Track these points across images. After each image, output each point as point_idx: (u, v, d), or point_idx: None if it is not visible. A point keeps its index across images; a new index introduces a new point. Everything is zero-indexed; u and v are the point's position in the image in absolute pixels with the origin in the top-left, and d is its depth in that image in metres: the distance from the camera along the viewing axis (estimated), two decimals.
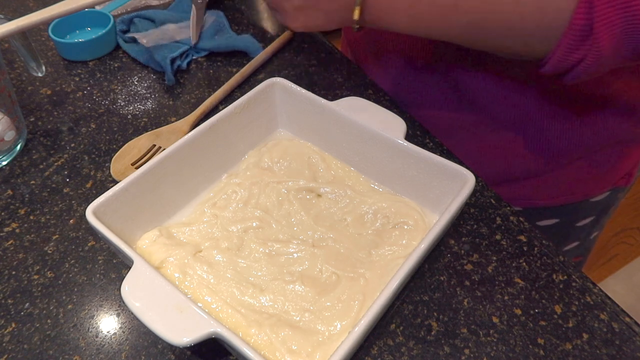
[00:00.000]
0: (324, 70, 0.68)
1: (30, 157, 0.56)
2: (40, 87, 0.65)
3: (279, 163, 0.52)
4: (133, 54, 0.69)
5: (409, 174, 0.47)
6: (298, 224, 0.47)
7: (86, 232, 0.49)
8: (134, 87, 0.65)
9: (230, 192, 0.49)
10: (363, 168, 0.51)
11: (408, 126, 0.48)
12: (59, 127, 0.60)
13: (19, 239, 0.49)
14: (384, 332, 0.42)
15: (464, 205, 0.42)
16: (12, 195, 0.52)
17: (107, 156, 0.56)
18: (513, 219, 0.50)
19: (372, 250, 0.45)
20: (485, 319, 0.43)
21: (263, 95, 0.52)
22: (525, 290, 0.45)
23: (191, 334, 0.33)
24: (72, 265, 0.47)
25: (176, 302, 0.35)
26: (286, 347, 0.38)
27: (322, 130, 0.52)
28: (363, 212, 0.48)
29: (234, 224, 0.47)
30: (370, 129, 0.48)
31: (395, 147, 0.47)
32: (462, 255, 0.47)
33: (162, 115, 0.61)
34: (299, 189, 0.50)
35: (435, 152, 0.46)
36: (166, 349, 0.41)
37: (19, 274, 0.46)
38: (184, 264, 0.43)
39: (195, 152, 0.47)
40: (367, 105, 0.50)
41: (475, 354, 0.41)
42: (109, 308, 0.44)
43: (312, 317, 0.40)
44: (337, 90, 0.65)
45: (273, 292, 0.42)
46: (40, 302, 0.44)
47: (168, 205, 0.47)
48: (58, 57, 0.70)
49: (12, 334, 0.42)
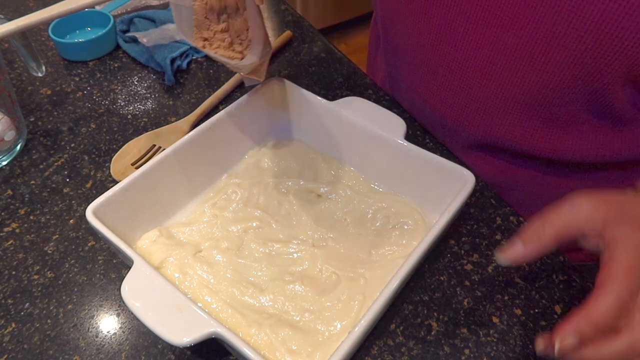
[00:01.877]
0: (324, 70, 0.68)
1: (30, 157, 0.56)
2: (40, 87, 0.65)
3: (279, 163, 0.52)
4: (133, 54, 0.69)
5: (409, 174, 0.47)
6: (298, 224, 0.47)
7: (86, 232, 0.49)
8: (134, 87, 0.65)
9: (230, 192, 0.49)
10: (363, 168, 0.51)
11: (408, 126, 0.48)
12: (59, 127, 0.60)
13: (19, 239, 0.49)
14: (384, 332, 0.42)
15: (464, 205, 0.42)
16: (12, 195, 0.52)
17: (107, 156, 0.56)
18: (513, 219, 0.50)
19: (372, 250, 0.45)
20: (485, 319, 0.43)
21: (263, 95, 0.52)
22: (525, 290, 0.44)
23: (191, 334, 0.33)
24: (72, 265, 0.47)
25: (176, 302, 0.35)
26: (286, 347, 0.38)
27: (322, 130, 0.52)
28: (363, 212, 0.48)
29: (234, 224, 0.47)
30: (370, 129, 0.48)
31: (395, 147, 0.47)
32: (462, 255, 0.47)
33: (162, 115, 0.61)
34: (299, 189, 0.50)
35: (435, 152, 0.46)
36: (166, 349, 0.41)
37: (19, 274, 0.46)
38: (184, 264, 0.43)
39: (195, 152, 0.47)
40: (367, 105, 0.50)
41: (475, 354, 0.41)
42: (109, 308, 0.44)
43: (312, 317, 0.40)
44: (337, 90, 0.65)
45: (273, 292, 0.42)
46: (40, 302, 0.44)
47: (168, 205, 0.47)
48: (58, 57, 0.70)
49: (12, 334, 0.42)
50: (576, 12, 0.39)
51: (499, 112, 0.50)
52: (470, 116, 0.53)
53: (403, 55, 0.57)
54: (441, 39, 0.49)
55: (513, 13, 0.43)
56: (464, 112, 0.53)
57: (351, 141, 0.50)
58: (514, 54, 0.45)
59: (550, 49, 0.42)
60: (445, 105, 0.54)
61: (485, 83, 0.49)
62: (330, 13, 2.09)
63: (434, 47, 0.51)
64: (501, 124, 0.51)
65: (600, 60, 0.41)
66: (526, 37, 0.43)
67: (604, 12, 0.38)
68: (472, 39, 0.47)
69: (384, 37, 0.61)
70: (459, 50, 0.49)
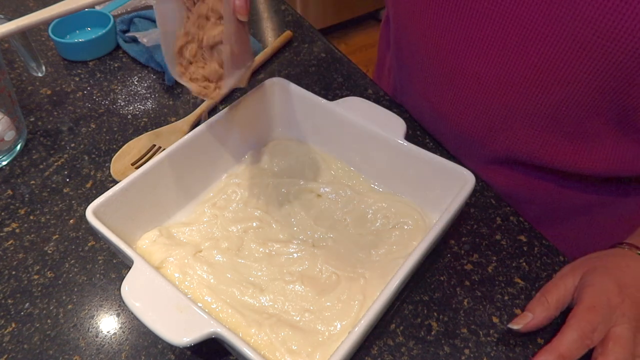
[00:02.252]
0: (324, 70, 0.68)
1: (30, 157, 0.56)
2: (40, 87, 0.65)
3: (279, 163, 0.52)
4: (133, 54, 0.69)
5: (409, 174, 0.47)
6: (298, 224, 0.47)
7: (86, 232, 0.49)
8: (134, 87, 0.65)
9: (230, 192, 0.49)
10: (363, 168, 0.51)
11: (408, 126, 0.48)
12: (59, 127, 0.60)
13: (19, 239, 0.49)
14: (384, 332, 0.42)
15: (464, 205, 0.42)
16: (12, 195, 0.52)
17: (107, 156, 0.56)
18: (513, 219, 0.50)
19: (372, 250, 0.45)
20: (485, 319, 0.43)
21: (263, 95, 0.52)
22: (525, 290, 0.44)
23: (191, 334, 0.33)
24: (72, 265, 0.47)
25: (176, 302, 0.35)
26: (286, 347, 0.38)
27: (322, 130, 0.52)
28: (363, 212, 0.48)
29: (234, 224, 0.47)
30: (370, 129, 0.48)
31: (395, 147, 0.47)
32: (462, 255, 0.47)
33: (162, 115, 0.61)
34: (299, 189, 0.50)
35: (435, 152, 0.46)
36: (166, 349, 0.41)
37: (19, 274, 0.46)
38: (184, 264, 0.43)
39: (195, 152, 0.47)
40: (367, 105, 0.50)
41: (475, 354, 0.41)
42: (109, 308, 0.44)
43: (312, 317, 0.40)
44: (337, 90, 0.65)
45: (273, 292, 0.42)
46: (40, 302, 0.44)
47: (168, 205, 0.47)
48: (58, 57, 0.70)
49: (12, 334, 0.42)
50: (607, 23, 0.37)
51: (519, 125, 0.49)
52: (488, 128, 0.51)
53: (417, 62, 0.55)
54: (460, 48, 0.47)
55: (538, 22, 0.41)
56: (482, 124, 0.51)
57: (351, 141, 0.50)
58: (537, 65, 0.43)
59: (577, 61, 0.41)
60: (461, 116, 0.52)
61: (505, 94, 0.47)
62: (330, 13, 2.09)
63: (452, 57, 0.49)
64: (520, 138, 0.50)
65: (631, 73, 0.39)
66: (551, 47, 0.41)
67: (637, 25, 0.36)
68: (493, 49, 0.45)
69: (397, 43, 0.59)
70: (479, 61, 0.47)
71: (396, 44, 0.60)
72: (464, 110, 0.52)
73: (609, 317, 0.37)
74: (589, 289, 0.39)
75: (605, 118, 0.44)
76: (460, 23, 0.46)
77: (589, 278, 0.40)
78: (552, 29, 0.40)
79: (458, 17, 0.46)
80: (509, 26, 0.43)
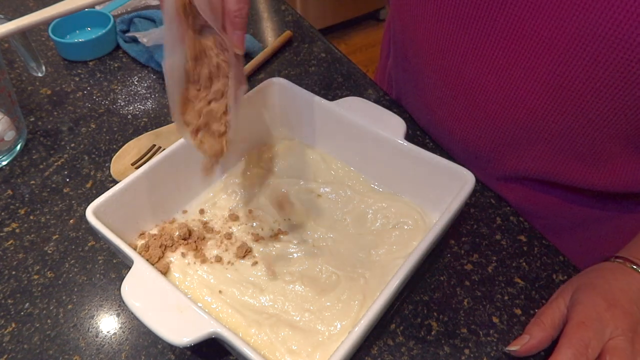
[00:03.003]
0: (324, 70, 0.68)
1: (30, 157, 0.56)
2: (40, 87, 0.65)
3: (279, 163, 0.52)
4: (133, 54, 0.69)
5: (409, 174, 0.47)
6: (298, 224, 0.47)
7: (86, 232, 0.49)
8: (134, 87, 0.65)
9: (230, 192, 0.49)
10: (363, 168, 0.51)
11: (408, 126, 0.48)
12: (59, 127, 0.60)
13: (19, 239, 0.49)
14: (384, 332, 0.42)
15: (464, 205, 0.42)
16: (12, 195, 0.52)
17: (107, 156, 0.56)
18: (513, 219, 0.50)
19: (372, 250, 0.45)
20: (485, 319, 0.43)
21: (263, 95, 0.52)
22: (525, 290, 0.44)
23: (191, 334, 0.33)
24: (72, 265, 0.47)
25: (176, 302, 0.35)
26: (286, 347, 0.38)
27: (322, 130, 0.52)
28: (363, 212, 0.48)
29: (234, 224, 0.47)
30: (370, 129, 0.48)
31: (395, 147, 0.47)
32: (462, 255, 0.47)
33: (162, 115, 0.61)
34: (299, 189, 0.50)
35: (435, 152, 0.46)
36: (166, 349, 0.41)
37: (19, 274, 0.46)
38: (184, 264, 0.43)
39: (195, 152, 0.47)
40: (367, 105, 0.49)
41: (475, 354, 0.41)
42: (109, 308, 0.44)
43: (312, 317, 0.40)
44: (337, 90, 0.65)
45: (273, 292, 0.42)
46: (40, 302, 0.44)
47: (168, 205, 0.47)
48: (58, 57, 0.70)
49: (12, 334, 0.42)
50: (622, 37, 0.35)
51: (526, 143, 0.47)
52: (494, 144, 0.50)
53: (418, 73, 0.54)
54: (466, 61, 0.46)
55: (549, 36, 0.39)
56: (488, 139, 0.50)
57: (351, 141, 0.50)
58: (548, 80, 0.41)
59: (591, 75, 0.39)
60: (466, 130, 0.51)
61: (513, 110, 0.45)
62: (330, 13, 2.09)
63: (458, 70, 0.47)
64: (528, 155, 0.48)
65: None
66: (564, 62, 0.40)
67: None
68: (500, 62, 0.43)
69: (396, 51, 0.58)
70: (486, 75, 0.45)
71: (397, 53, 0.59)
72: (469, 124, 0.51)
73: (602, 331, 0.37)
74: (578, 307, 0.39)
75: (618, 135, 0.43)
76: (465, 32, 0.45)
77: (578, 296, 0.40)
78: (564, 44, 0.39)
79: (463, 26, 0.44)
80: (518, 39, 0.41)
